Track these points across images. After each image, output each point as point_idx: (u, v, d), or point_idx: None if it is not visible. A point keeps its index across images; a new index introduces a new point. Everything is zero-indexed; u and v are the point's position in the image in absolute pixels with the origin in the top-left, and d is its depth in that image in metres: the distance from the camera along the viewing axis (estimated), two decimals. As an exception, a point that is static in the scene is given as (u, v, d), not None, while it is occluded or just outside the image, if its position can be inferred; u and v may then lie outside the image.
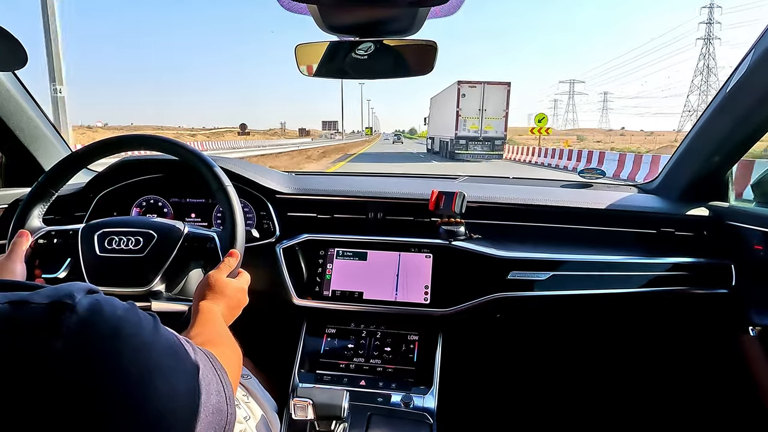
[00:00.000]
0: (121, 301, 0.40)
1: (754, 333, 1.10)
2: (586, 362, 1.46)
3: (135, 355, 0.37)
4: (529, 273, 1.11)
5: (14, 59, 0.74)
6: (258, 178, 1.21)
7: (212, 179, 0.89)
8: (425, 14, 0.67)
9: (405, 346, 1.12)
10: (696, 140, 1.21)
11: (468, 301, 1.10)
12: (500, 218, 1.25)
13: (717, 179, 1.25)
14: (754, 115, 1.04)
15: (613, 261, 1.14)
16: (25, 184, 1.29)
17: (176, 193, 1.28)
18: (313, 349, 1.13)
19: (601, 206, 1.23)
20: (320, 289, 1.15)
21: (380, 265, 1.15)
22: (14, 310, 0.34)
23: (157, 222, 0.90)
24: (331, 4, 0.65)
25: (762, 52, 0.94)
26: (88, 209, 1.20)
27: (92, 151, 0.93)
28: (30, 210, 0.89)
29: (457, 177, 1.57)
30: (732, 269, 1.16)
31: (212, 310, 0.70)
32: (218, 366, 0.49)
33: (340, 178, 1.42)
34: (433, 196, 1.15)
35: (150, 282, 0.83)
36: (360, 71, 0.79)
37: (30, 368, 0.32)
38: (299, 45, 0.82)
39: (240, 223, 0.88)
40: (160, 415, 0.38)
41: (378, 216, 1.25)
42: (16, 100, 1.20)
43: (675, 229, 1.22)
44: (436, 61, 0.79)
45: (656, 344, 1.41)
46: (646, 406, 1.42)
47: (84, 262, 0.85)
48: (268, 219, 1.21)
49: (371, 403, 1.02)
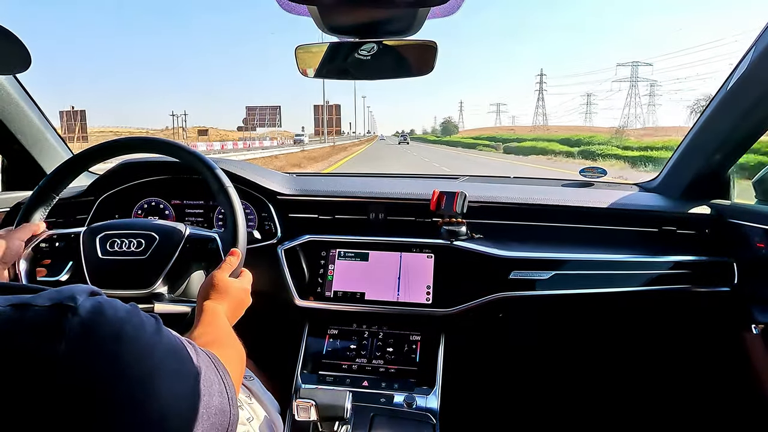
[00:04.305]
0: (123, 303, 0.40)
1: (757, 331, 1.09)
2: (589, 361, 1.46)
3: (137, 357, 0.37)
4: (531, 272, 1.11)
5: (17, 61, 0.73)
6: (259, 180, 1.21)
7: (213, 181, 0.89)
8: (425, 14, 0.67)
9: (407, 347, 1.12)
10: (697, 138, 1.21)
11: (470, 301, 1.10)
12: (502, 218, 1.25)
13: (719, 177, 1.25)
14: (755, 112, 1.04)
15: (615, 260, 1.14)
16: (26, 187, 1.29)
17: (177, 195, 1.29)
18: (316, 349, 1.13)
19: (602, 205, 1.23)
20: (322, 290, 1.15)
21: (382, 266, 1.15)
22: (17, 313, 0.35)
23: (158, 224, 0.90)
24: (330, 5, 0.65)
25: (763, 49, 0.94)
26: (89, 212, 1.20)
27: (93, 154, 0.93)
28: (32, 213, 0.89)
29: (458, 177, 1.57)
30: (734, 267, 1.16)
31: (216, 310, 0.70)
32: (221, 367, 0.49)
33: (341, 179, 1.43)
34: (435, 196, 1.15)
35: (152, 284, 0.83)
36: (361, 72, 0.79)
37: (33, 370, 0.32)
38: (299, 46, 0.83)
39: (241, 223, 0.88)
40: (163, 417, 0.38)
41: (379, 216, 1.25)
42: (18, 103, 1.20)
43: (677, 228, 1.22)
44: (436, 61, 0.79)
45: (659, 343, 1.40)
46: (650, 405, 1.42)
47: (86, 264, 0.85)
48: (269, 220, 1.21)
49: (374, 403, 1.02)
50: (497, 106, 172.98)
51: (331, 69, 0.82)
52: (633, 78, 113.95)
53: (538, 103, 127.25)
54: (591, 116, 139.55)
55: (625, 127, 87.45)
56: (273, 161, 18.28)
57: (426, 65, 0.80)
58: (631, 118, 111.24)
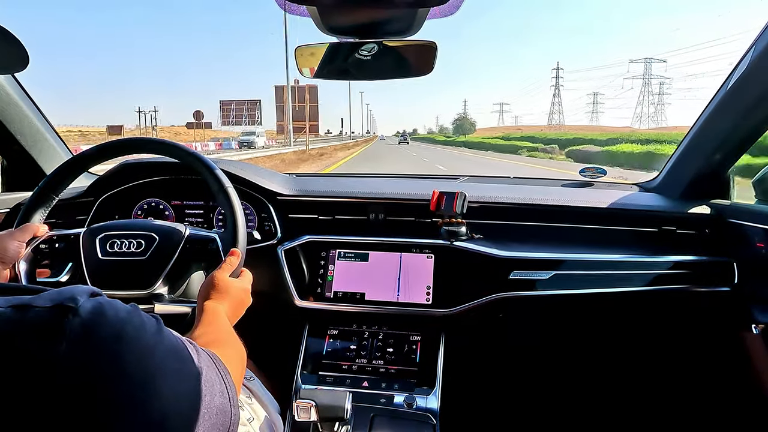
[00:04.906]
0: (124, 304, 0.40)
1: (757, 331, 1.10)
2: (590, 361, 1.46)
3: (138, 358, 0.37)
4: (530, 272, 1.11)
5: (15, 61, 0.72)
6: (259, 180, 1.21)
7: (213, 181, 0.89)
8: (425, 15, 0.67)
9: (407, 347, 1.12)
10: (697, 138, 1.21)
11: (470, 301, 1.10)
12: (501, 218, 1.25)
13: (718, 177, 1.25)
14: (755, 112, 1.04)
15: (615, 260, 1.14)
16: (26, 188, 1.29)
17: (177, 196, 1.29)
18: (316, 350, 1.13)
19: (602, 205, 1.23)
20: (322, 290, 1.15)
21: (382, 266, 1.15)
22: (17, 314, 0.35)
23: (158, 224, 0.90)
24: (330, 5, 0.65)
25: (762, 48, 0.94)
26: (89, 213, 1.20)
27: (93, 155, 0.94)
28: (31, 214, 0.89)
29: (458, 177, 1.57)
30: (734, 267, 1.16)
31: (217, 310, 0.70)
32: (222, 367, 0.49)
33: (341, 179, 1.43)
34: (434, 196, 1.15)
35: (152, 284, 0.83)
36: (361, 72, 0.79)
37: (33, 371, 0.32)
38: (299, 47, 0.83)
39: (241, 223, 0.88)
40: (164, 417, 0.38)
41: (379, 217, 1.25)
42: (17, 103, 1.20)
43: (677, 228, 1.22)
44: (436, 61, 0.79)
45: (659, 343, 1.40)
46: (650, 406, 1.42)
47: (86, 265, 0.85)
48: (269, 221, 1.21)
49: (374, 404, 1.02)
50: (500, 105, 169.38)
51: (331, 69, 0.82)
52: (646, 75, 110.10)
53: (553, 100, 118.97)
54: (597, 115, 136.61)
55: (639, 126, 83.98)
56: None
57: (426, 65, 0.80)
58: (643, 117, 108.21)
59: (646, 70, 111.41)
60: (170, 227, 0.90)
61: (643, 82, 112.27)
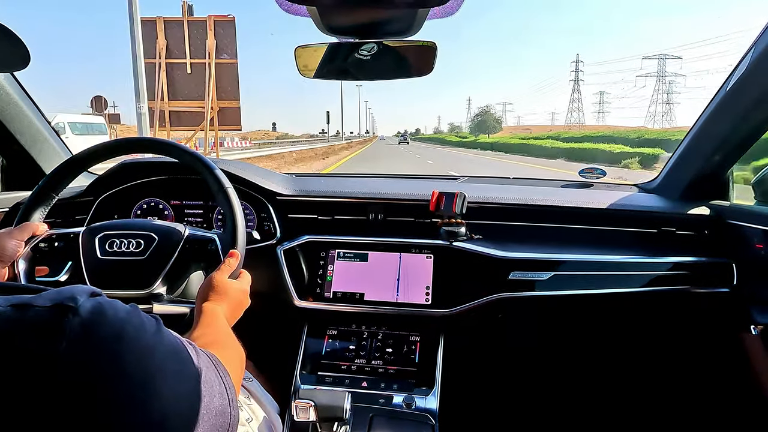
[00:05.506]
0: (123, 304, 0.40)
1: (756, 332, 1.10)
2: (589, 362, 1.46)
3: (138, 358, 0.37)
4: (530, 273, 1.11)
5: (16, 59, 0.72)
6: (258, 180, 1.21)
7: (212, 181, 0.89)
8: (425, 15, 0.67)
9: (406, 347, 1.12)
10: (696, 139, 1.21)
11: (469, 301, 1.10)
12: (501, 218, 1.25)
13: (718, 178, 1.25)
14: (754, 113, 1.05)
15: (614, 261, 1.14)
16: (25, 187, 1.29)
17: (177, 196, 1.28)
18: (315, 350, 1.13)
19: (601, 206, 1.23)
20: (321, 290, 1.15)
21: (381, 266, 1.15)
22: (17, 313, 0.35)
23: (157, 224, 0.90)
24: (330, 5, 0.65)
25: (762, 50, 0.94)
26: (89, 212, 1.20)
27: (92, 155, 0.93)
28: (31, 213, 0.89)
29: (457, 177, 1.57)
30: (733, 268, 1.16)
31: (215, 311, 0.70)
32: (221, 368, 0.49)
33: (341, 180, 1.43)
34: (434, 196, 1.15)
35: (151, 284, 0.83)
36: (361, 72, 0.79)
37: (33, 370, 0.32)
38: (299, 47, 0.83)
39: (240, 224, 0.88)
40: (164, 418, 0.38)
41: (378, 217, 1.25)
42: (17, 103, 1.20)
43: (676, 229, 1.22)
44: (435, 62, 0.79)
45: (658, 344, 1.40)
46: (650, 407, 1.42)
47: (85, 264, 0.85)
48: (268, 221, 1.21)
49: (373, 404, 1.02)
50: (503, 105, 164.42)
51: (331, 69, 0.82)
52: (660, 73, 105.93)
53: (572, 96, 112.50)
54: (604, 115, 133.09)
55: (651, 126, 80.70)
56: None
57: (426, 66, 0.80)
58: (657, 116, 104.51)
59: (660, 66, 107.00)
60: (169, 227, 0.90)
61: (657, 79, 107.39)
